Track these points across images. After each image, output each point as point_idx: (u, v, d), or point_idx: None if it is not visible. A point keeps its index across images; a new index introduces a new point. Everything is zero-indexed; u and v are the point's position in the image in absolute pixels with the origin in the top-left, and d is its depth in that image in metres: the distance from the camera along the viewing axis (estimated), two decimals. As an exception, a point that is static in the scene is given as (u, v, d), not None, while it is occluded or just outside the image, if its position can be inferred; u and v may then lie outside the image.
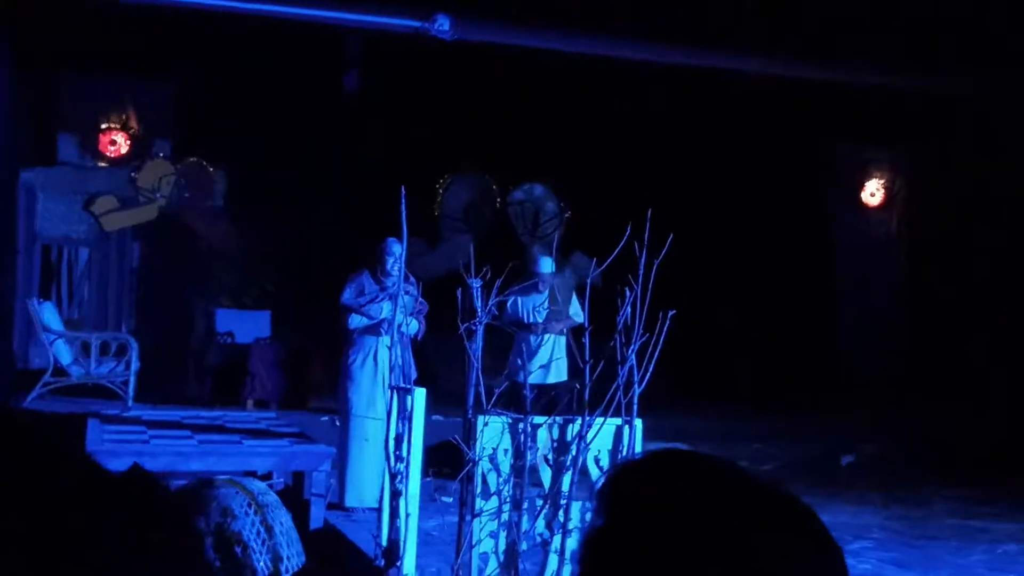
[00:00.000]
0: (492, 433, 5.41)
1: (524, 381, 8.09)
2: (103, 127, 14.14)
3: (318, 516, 7.49)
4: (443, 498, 8.58)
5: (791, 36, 10.92)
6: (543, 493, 5.45)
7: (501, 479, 5.41)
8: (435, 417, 9.52)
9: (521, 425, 5.43)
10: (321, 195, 13.70)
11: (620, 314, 5.36)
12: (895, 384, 14.81)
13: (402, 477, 5.69)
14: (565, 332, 9.52)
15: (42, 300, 12.30)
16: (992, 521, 9.20)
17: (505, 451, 5.42)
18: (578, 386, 5.56)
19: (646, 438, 5.66)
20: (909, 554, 8.05)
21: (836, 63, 11.20)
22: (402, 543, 5.63)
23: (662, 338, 5.33)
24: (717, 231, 14.52)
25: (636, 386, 5.41)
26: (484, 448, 5.39)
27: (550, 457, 5.45)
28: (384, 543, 5.83)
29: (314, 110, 13.78)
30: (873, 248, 16.64)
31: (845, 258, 16.55)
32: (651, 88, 13.14)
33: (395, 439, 5.79)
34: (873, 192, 16.75)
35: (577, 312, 9.50)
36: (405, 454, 5.73)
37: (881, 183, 16.72)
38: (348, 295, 8.51)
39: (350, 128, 13.85)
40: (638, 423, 5.51)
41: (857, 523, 8.95)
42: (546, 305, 9.49)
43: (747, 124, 14.47)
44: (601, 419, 5.42)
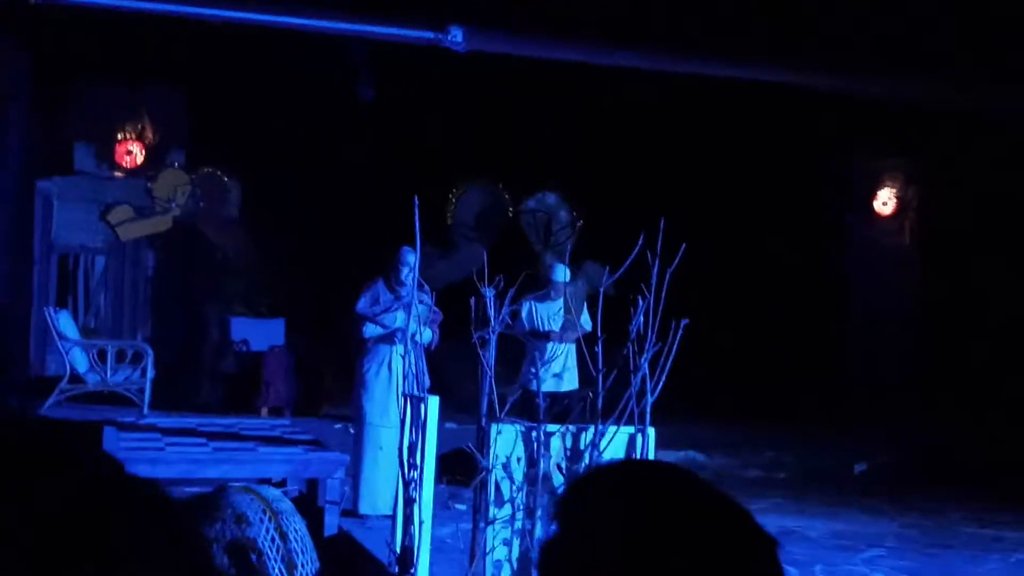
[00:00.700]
0: (505, 441, 5.44)
1: (537, 390, 8.13)
2: (119, 137, 14.24)
3: (332, 523, 7.52)
4: (457, 505, 8.61)
5: (804, 46, 10.93)
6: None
7: (514, 487, 5.44)
8: (448, 425, 9.56)
9: (534, 433, 5.46)
10: (335, 204, 13.76)
11: (633, 323, 5.39)
12: (908, 392, 14.78)
13: (416, 484, 5.72)
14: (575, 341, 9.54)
15: (58, 308, 12.38)
16: (1006, 529, 9.19)
17: (518, 459, 5.45)
18: (591, 394, 5.58)
19: (659, 447, 5.68)
20: (923, 563, 8.05)
21: (848, 73, 11.21)
22: (416, 550, 5.66)
23: (675, 347, 5.36)
24: (729, 240, 14.52)
25: (649, 395, 5.44)
26: (497, 456, 5.42)
27: (563, 465, 5.48)
28: (398, 550, 5.86)
29: (328, 120, 13.86)
30: (885, 257, 16.61)
31: (857, 267, 16.53)
32: (664, 98, 13.17)
33: (409, 447, 5.83)
34: (885, 201, 16.74)
35: (586, 320, 9.51)
36: (419, 462, 5.76)
37: (893, 192, 16.70)
38: (363, 304, 8.55)
39: (363, 137, 13.92)
40: (651, 432, 5.53)
41: (871, 532, 8.95)
42: (561, 313, 9.50)
43: (759, 133, 14.49)
44: (614, 427, 5.45)
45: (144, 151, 14.31)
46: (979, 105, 11.93)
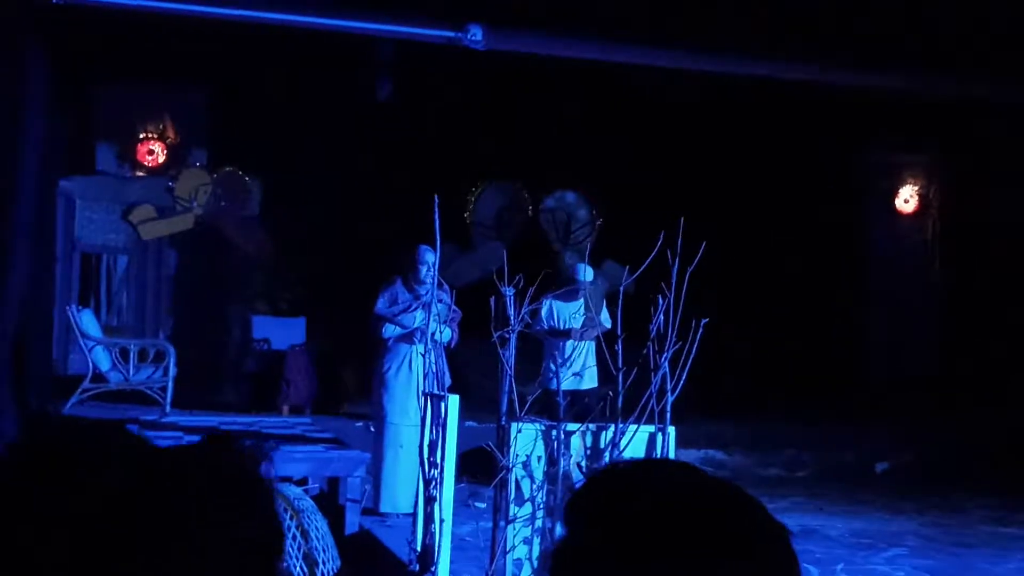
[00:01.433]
0: (525, 440, 5.45)
1: (557, 388, 8.13)
2: (141, 137, 14.32)
3: (353, 521, 7.56)
4: (477, 504, 8.62)
5: (825, 43, 10.89)
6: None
7: (535, 485, 5.45)
8: (469, 424, 9.57)
9: (554, 432, 5.46)
10: (355, 202, 13.79)
11: (653, 322, 5.39)
12: (929, 390, 14.71)
13: (436, 483, 5.74)
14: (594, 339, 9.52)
15: (81, 307, 12.46)
16: (1028, 529, 9.14)
17: (539, 458, 5.46)
18: (611, 393, 5.59)
19: (679, 445, 5.68)
20: (944, 562, 8.01)
21: (870, 69, 11.16)
22: (436, 548, 5.68)
23: (695, 345, 5.36)
24: (750, 238, 14.48)
25: (669, 393, 5.44)
26: (518, 455, 5.43)
27: (583, 464, 5.49)
28: (419, 548, 5.88)
29: (348, 119, 13.89)
30: (907, 255, 16.54)
31: (879, 264, 16.46)
32: (684, 95, 13.14)
33: (429, 445, 5.85)
34: (907, 199, 16.66)
35: (606, 318, 9.49)
36: (439, 460, 5.78)
37: (915, 189, 16.63)
38: (382, 304, 8.57)
39: (383, 136, 13.94)
40: (671, 430, 5.53)
41: (891, 530, 8.92)
42: (581, 312, 9.48)
43: (781, 131, 14.44)
44: (634, 426, 5.45)
45: (166, 151, 14.38)
46: (995, 98, 11.87)
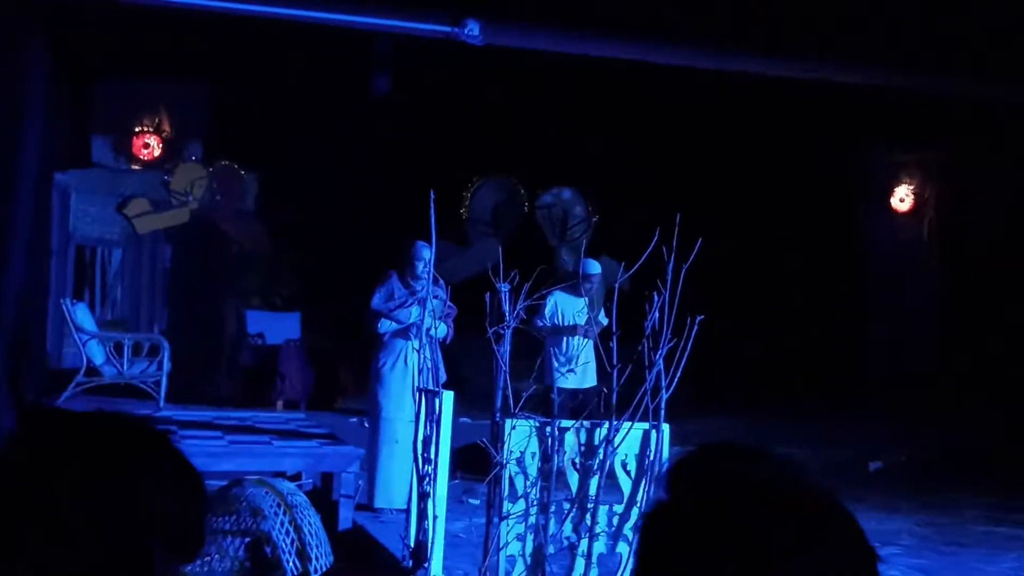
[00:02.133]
0: (520, 436, 5.44)
1: (561, 386, 8.10)
2: (136, 130, 14.29)
3: (346, 517, 7.54)
4: (471, 500, 8.61)
5: (822, 41, 10.88)
6: (570, 497, 5.48)
7: (528, 482, 5.43)
8: (463, 420, 9.56)
9: (548, 429, 5.45)
10: (350, 197, 13.78)
11: (648, 319, 5.38)
12: (926, 388, 14.73)
13: (430, 479, 5.73)
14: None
15: (75, 301, 12.43)
16: (1023, 528, 9.14)
17: (533, 454, 5.45)
18: (605, 390, 5.58)
19: (673, 442, 5.67)
20: (938, 561, 8.01)
21: (866, 67, 11.16)
22: (430, 545, 5.67)
23: (690, 343, 5.35)
24: (746, 235, 14.49)
25: (663, 390, 5.43)
26: (512, 451, 5.42)
27: (577, 461, 5.48)
28: (412, 544, 5.87)
29: (344, 113, 13.87)
30: (903, 253, 16.55)
31: (875, 263, 16.48)
32: (681, 93, 13.13)
33: (423, 441, 5.83)
34: (902, 197, 16.67)
35: (603, 315, 9.43)
36: (433, 456, 5.77)
37: (910, 188, 16.64)
38: (378, 300, 8.56)
39: (379, 131, 13.92)
40: (665, 427, 5.52)
41: (886, 529, 8.91)
42: (585, 309, 9.24)
43: (777, 128, 14.44)
44: (628, 423, 5.44)
45: (161, 144, 14.36)
46: (991, 96, 11.86)
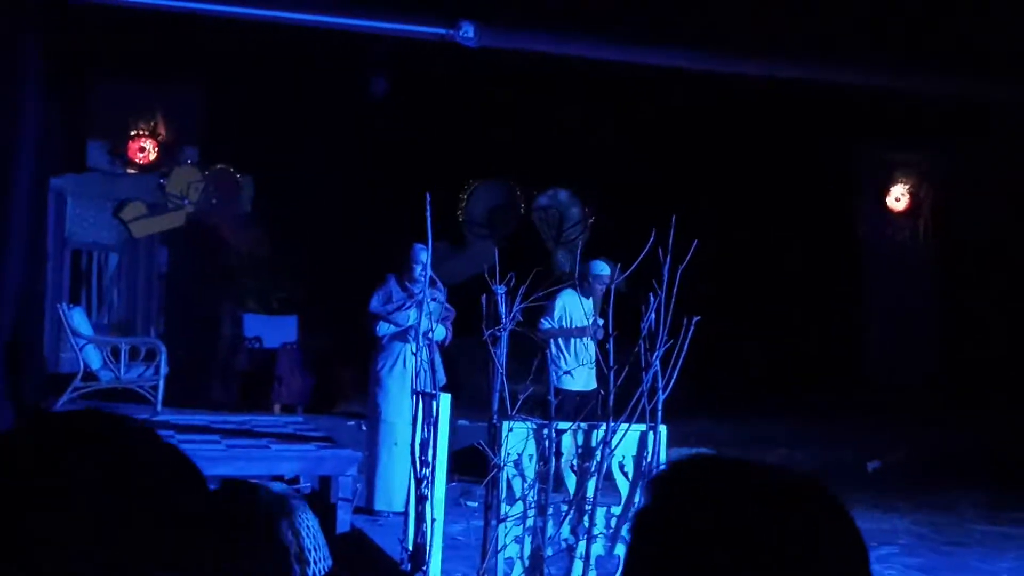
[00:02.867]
0: (517, 438, 5.44)
1: (568, 388, 8.07)
2: (132, 134, 14.28)
3: (345, 520, 7.54)
4: (469, 503, 8.61)
5: (820, 41, 10.89)
6: (568, 499, 5.48)
7: (526, 484, 5.43)
8: (461, 422, 9.56)
9: (546, 431, 5.45)
10: (347, 200, 13.77)
11: (644, 320, 5.38)
12: (923, 388, 14.74)
13: (428, 482, 5.73)
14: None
15: (72, 305, 12.42)
16: (1020, 527, 9.14)
17: (530, 457, 5.45)
18: (602, 392, 5.58)
19: (670, 444, 5.67)
20: (936, 560, 8.01)
21: (861, 67, 11.17)
22: (428, 547, 5.67)
23: (686, 344, 5.35)
24: (742, 236, 14.49)
25: (660, 392, 5.43)
26: (509, 453, 5.42)
27: (575, 463, 5.48)
28: (410, 547, 5.87)
29: (340, 116, 13.87)
30: (900, 253, 16.57)
31: (872, 263, 16.49)
32: (676, 93, 13.14)
33: (421, 444, 5.83)
34: (899, 197, 16.68)
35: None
36: (431, 459, 5.77)
37: (907, 188, 16.65)
38: (376, 303, 8.55)
39: (375, 134, 13.92)
40: (662, 429, 5.52)
41: (883, 528, 8.92)
42: (591, 310, 9.06)
43: (772, 129, 14.44)
44: (625, 425, 5.44)
45: (157, 148, 14.34)
46: (988, 96, 11.88)
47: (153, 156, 14.33)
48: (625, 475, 5.52)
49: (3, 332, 9.70)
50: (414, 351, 6.78)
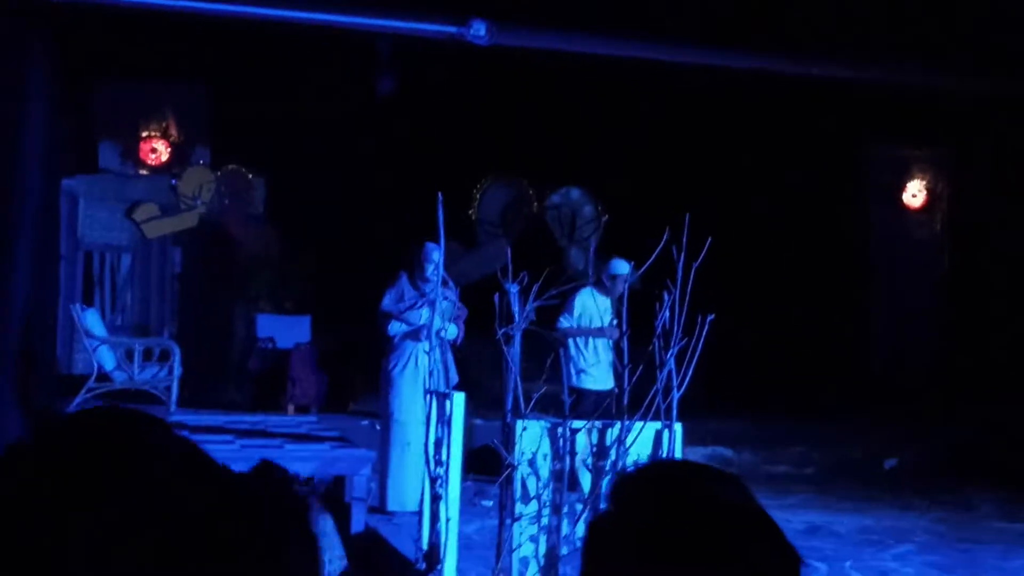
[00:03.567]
0: (531, 437, 5.42)
1: (587, 387, 8.03)
2: (144, 135, 14.29)
3: (359, 520, 7.53)
4: (483, 502, 8.59)
5: (830, 36, 10.85)
6: (583, 497, 5.45)
7: (541, 483, 5.41)
8: (476, 421, 9.54)
9: (560, 429, 5.43)
10: (359, 200, 13.76)
11: (658, 318, 5.36)
12: (937, 385, 14.66)
13: (442, 481, 5.71)
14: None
15: (85, 306, 12.44)
16: (1037, 524, 9.09)
17: (544, 456, 5.43)
18: (617, 390, 5.56)
19: (685, 442, 5.65)
20: (953, 558, 7.97)
21: (877, 63, 11.12)
22: (443, 547, 5.65)
23: (701, 342, 5.33)
24: (756, 233, 14.44)
25: (675, 390, 5.41)
26: (524, 452, 5.40)
27: (589, 462, 5.46)
28: (425, 547, 5.86)
29: (352, 115, 13.86)
30: (914, 250, 16.49)
31: (885, 260, 16.41)
32: (689, 90, 13.10)
33: (435, 443, 5.82)
34: (915, 193, 16.60)
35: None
36: (445, 458, 5.75)
37: (923, 184, 16.56)
38: (388, 302, 8.54)
39: (387, 133, 13.91)
40: (678, 427, 5.50)
41: (900, 526, 8.88)
42: (610, 310, 8.98)
43: (786, 125, 14.39)
44: (640, 423, 5.42)
45: (169, 149, 14.36)
46: (1009, 93, 11.81)
47: (165, 157, 14.35)
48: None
49: (15, 334, 9.72)
50: (426, 350, 6.77)
